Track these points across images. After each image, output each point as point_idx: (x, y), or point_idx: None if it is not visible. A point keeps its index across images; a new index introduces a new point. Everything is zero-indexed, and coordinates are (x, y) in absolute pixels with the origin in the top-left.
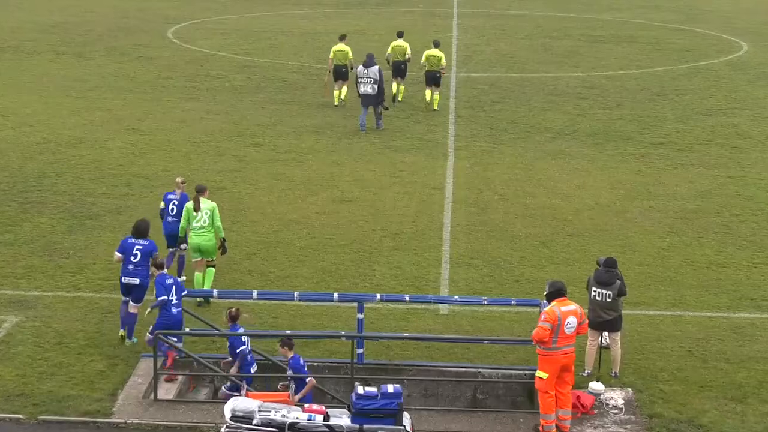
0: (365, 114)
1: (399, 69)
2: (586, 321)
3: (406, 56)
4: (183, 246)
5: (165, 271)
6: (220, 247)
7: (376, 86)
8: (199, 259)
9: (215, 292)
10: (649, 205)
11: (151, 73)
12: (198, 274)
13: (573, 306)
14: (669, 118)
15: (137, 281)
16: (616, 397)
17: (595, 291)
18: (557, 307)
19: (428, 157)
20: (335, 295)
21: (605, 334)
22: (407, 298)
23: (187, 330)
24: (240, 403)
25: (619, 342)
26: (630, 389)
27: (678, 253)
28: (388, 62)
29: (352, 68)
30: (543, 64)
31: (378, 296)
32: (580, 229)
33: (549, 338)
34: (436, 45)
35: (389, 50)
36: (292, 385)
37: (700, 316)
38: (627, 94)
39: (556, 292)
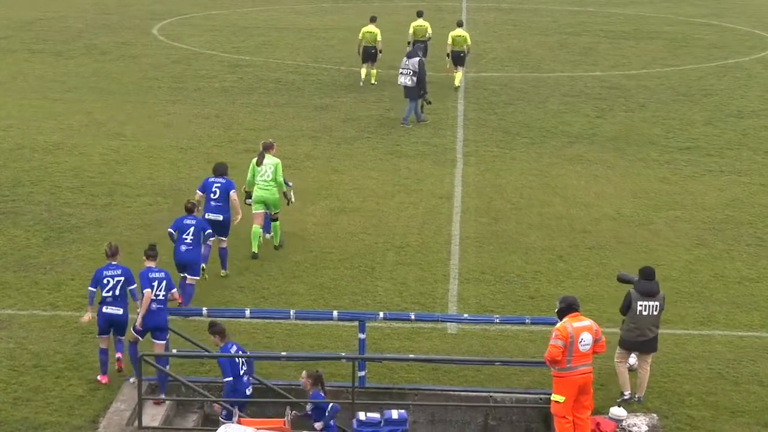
0: (409, 107)
1: (420, 49)
2: (603, 338)
3: (427, 36)
4: (248, 201)
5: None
6: (286, 201)
7: (414, 78)
8: (261, 211)
9: (204, 311)
10: (675, 215)
11: (134, 74)
12: (256, 227)
13: (587, 322)
14: (696, 120)
15: (221, 217)
16: (640, 423)
17: (641, 305)
18: (569, 323)
19: (435, 164)
20: (335, 313)
21: (633, 355)
22: (412, 317)
23: (174, 351)
24: (231, 430)
25: (649, 364)
26: (655, 415)
27: (707, 267)
28: (409, 43)
29: (381, 51)
30: (559, 62)
31: (381, 314)
32: (600, 242)
33: (562, 357)
34: (460, 25)
35: (411, 30)
36: (289, 411)
37: (731, 336)
38: (650, 95)
39: (568, 308)
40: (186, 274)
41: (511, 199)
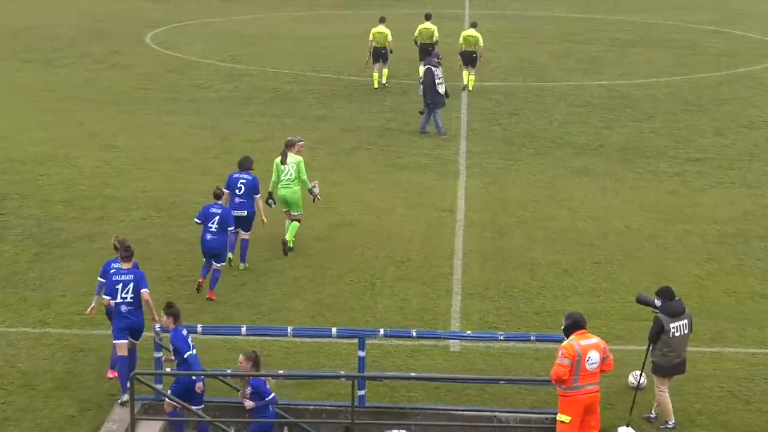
0: (438, 115)
1: (426, 52)
2: (611, 357)
3: (434, 39)
4: (269, 201)
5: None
6: (314, 198)
7: (444, 86)
8: (287, 210)
9: (199, 328)
10: (685, 228)
11: (127, 83)
12: (288, 221)
13: (594, 339)
14: (707, 131)
15: (245, 213)
16: None
17: (674, 327)
18: (576, 340)
19: (437, 176)
20: (334, 330)
21: (636, 373)
22: (414, 334)
23: (167, 370)
24: None
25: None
26: None
27: (717, 282)
28: (416, 43)
29: (391, 51)
30: (565, 71)
31: (381, 331)
32: (608, 256)
33: (569, 376)
34: (473, 25)
35: (416, 33)
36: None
37: (743, 353)
38: (659, 105)
39: (574, 325)
40: (213, 262)
41: (515, 212)
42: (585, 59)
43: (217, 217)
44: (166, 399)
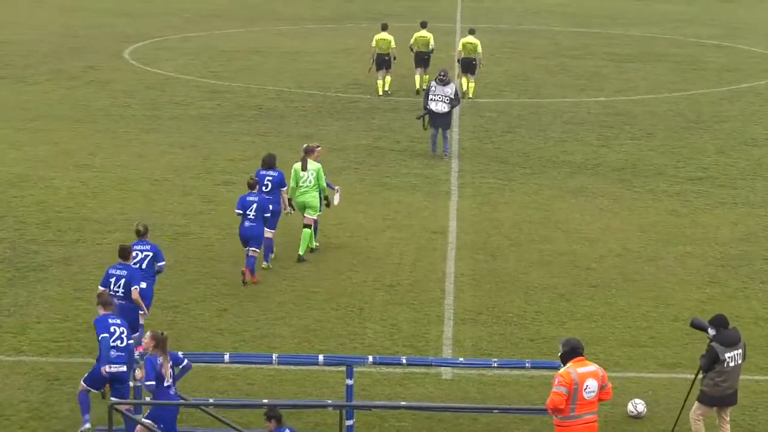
0: (436, 135)
1: (422, 60)
2: (609, 385)
3: (430, 47)
4: (289, 209)
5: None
6: (326, 203)
7: (449, 106)
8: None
9: (180, 355)
10: (686, 250)
11: (104, 100)
12: (306, 230)
13: (592, 367)
14: (708, 149)
15: (270, 208)
16: None
17: (729, 356)
18: (573, 368)
19: (428, 196)
20: (320, 357)
21: (641, 402)
22: (404, 361)
23: (147, 399)
24: None
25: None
26: None
27: (720, 306)
28: (412, 50)
29: (395, 58)
30: (561, 87)
31: (370, 358)
32: (606, 280)
33: (566, 405)
34: (472, 32)
35: (412, 41)
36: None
37: (747, 380)
38: (658, 122)
39: (571, 351)
40: (250, 248)
41: (509, 234)
42: (581, 75)
43: (254, 205)
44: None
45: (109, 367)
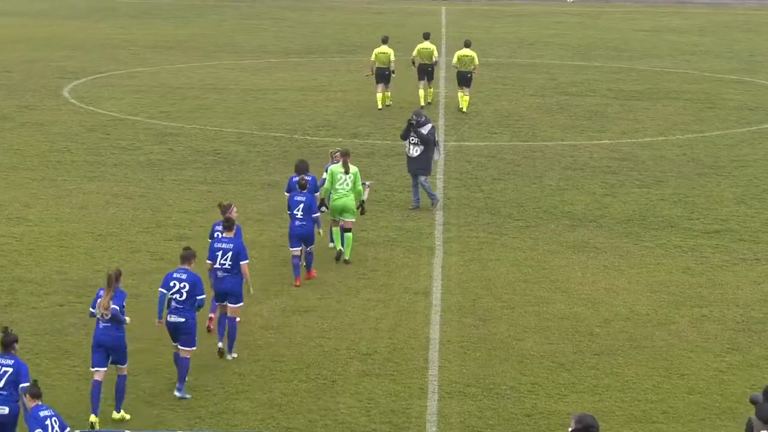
0: (416, 184)
1: (426, 72)
2: None
3: (434, 59)
4: (323, 209)
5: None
6: (360, 209)
7: (421, 148)
8: (340, 219)
9: None
10: (702, 313)
11: (41, 144)
12: (336, 229)
13: None
14: (726, 198)
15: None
16: None
17: None
18: None
19: (409, 252)
20: None
21: None
22: None
23: None
24: None
25: None
26: None
27: (740, 376)
28: (414, 63)
29: (394, 72)
30: (559, 128)
31: None
32: (611, 347)
33: None
34: (467, 45)
35: (415, 53)
36: None
37: None
38: (670, 167)
39: (585, 430)
40: (306, 247)
41: (501, 295)
42: (582, 114)
43: (301, 205)
44: None
45: None
